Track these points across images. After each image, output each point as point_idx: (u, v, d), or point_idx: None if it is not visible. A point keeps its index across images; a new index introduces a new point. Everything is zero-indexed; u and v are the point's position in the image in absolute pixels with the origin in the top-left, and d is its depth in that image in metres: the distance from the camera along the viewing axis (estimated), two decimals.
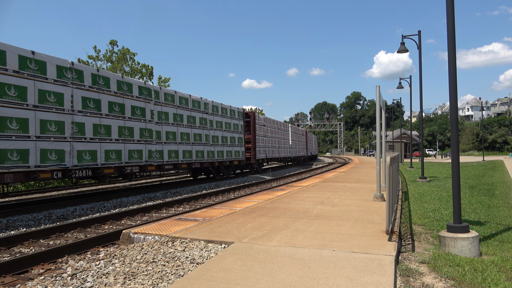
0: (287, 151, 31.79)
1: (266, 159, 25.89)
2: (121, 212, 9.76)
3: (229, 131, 20.23)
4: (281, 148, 29.82)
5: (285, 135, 31.43)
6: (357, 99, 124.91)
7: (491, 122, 79.86)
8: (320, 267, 3.96)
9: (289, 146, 32.75)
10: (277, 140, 28.78)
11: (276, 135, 28.37)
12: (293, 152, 34.29)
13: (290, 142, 33.33)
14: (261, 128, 24.75)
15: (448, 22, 5.57)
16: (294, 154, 34.96)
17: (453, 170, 5.47)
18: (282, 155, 29.95)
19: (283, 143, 30.58)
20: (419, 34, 16.44)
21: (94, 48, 28.90)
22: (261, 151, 24.50)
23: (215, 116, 18.69)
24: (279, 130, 29.64)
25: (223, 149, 19.32)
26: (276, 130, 28.53)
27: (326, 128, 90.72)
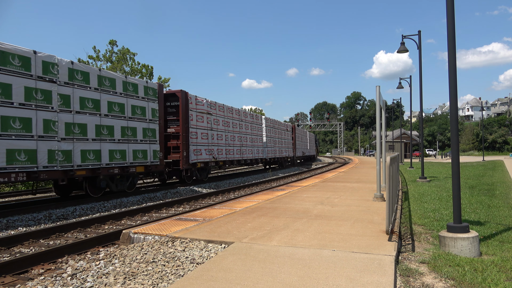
0: (257, 151, 24.57)
1: (215, 162, 18.71)
2: (121, 212, 9.76)
3: (120, 117, 12.47)
4: (246, 146, 22.72)
5: (255, 130, 24.40)
6: (357, 99, 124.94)
7: (491, 122, 79.88)
8: (320, 267, 3.96)
9: (262, 144, 25.64)
10: (239, 136, 21.73)
11: (236, 128, 21.34)
12: (270, 152, 27.28)
13: (265, 139, 26.33)
14: (200, 116, 17.27)
15: (448, 22, 5.57)
16: (273, 154, 28.00)
17: (453, 170, 5.47)
18: (247, 156, 22.77)
19: (250, 140, 23.44)
20: (419, 34, 16.44)
21: (94, 48, 28.90)
22: (200, 150, 17.08)
23: (79, 90, 11.05)
24: (242, 123, 22.34)
25: (105, 148, 11.85)
26: (236, 122, 21.46)
27: (326, 128, 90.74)
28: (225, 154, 19.74)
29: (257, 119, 25.40)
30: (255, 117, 24.96)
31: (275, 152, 28.69)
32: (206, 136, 17.86)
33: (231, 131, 20.76)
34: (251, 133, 23.79)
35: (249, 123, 23.64)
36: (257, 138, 24.98)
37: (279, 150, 29.96)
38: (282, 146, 30.86)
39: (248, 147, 23.16)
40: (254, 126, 24.59)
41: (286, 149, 32.32)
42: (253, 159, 24.02)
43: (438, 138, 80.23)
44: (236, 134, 21.36)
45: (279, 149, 30.00)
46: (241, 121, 22.31)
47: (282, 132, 31.16)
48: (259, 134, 25.40)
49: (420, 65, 16.74)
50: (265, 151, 26.29)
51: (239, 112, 22.32)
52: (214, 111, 18.74)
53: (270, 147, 27.59)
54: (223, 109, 19.89)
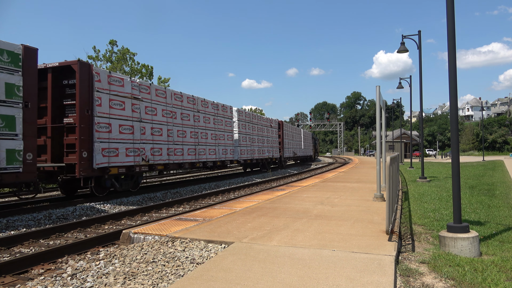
0: (224, 151, 19.46)
1: (147, 165, 13.54)
2: (121, 212, 9.76)
3: None
4: (205, 145, 17.49)
5: (220, 124, 19.23)
6: (357, 99, 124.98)
7: (491, 122, 79.89)
8: (320, 267, 3.96)
9: (231, 142, 20.46)
10: (194, 132, 16.57)
11: (188, 121, 16.13)
12: (245, 152, 22.24)
13: (236, 136, 21.18)
14: (119, 102, 12.26)
15: (448, 22, 5.57)
16: (249, 155, 22.81)
17: (453, 170, 5.47)
18: (207, 158, 17.53)
19: (213, 137, 18.34)
20: (419, 34, 16.44)
21: (94, 48, 28.92)
22: (117, 150, 12.08)
23: None
24: (199, 114, 17.07)
25: None
26: (188, 112, 16.14)
27: (326, 128, 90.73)
28: (166, 155, 14.36)
29: (225, 111, 19.87)
30: (221, 108, 19.49)
31: (252, 152, 23.28)
32: (131, 130, 12.52)
33: (179, 125, 15.47)
34: (213, 128, 18.30)
35: (211, 115, 18.18)
36: (224, 134, 19.55)
37: (260, 150, 24.70)
38: (263, 145, 25.51)
39: (210, 146, 17.82)
40: (219, 119, 19.15)
41: (270, 149, 27.15)
42: (217, 161, 18.63)
43: (438, 138, 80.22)
44: (188, 129, 16.06)
45: (260, 148, 24.73)
46: (197, 111, 16.89)
47: (263, 129, 25.80)
48: (228, 129, 20.04)
49: (420, 65, 16.74)
50: (237, 151, 21.10)
51: (194, 100, 16.74)
52: (146, 96, 13.46)
53: (245, 146, 22.24)
54: (164, 94, 14.59)
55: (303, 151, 39.51)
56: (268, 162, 27.01)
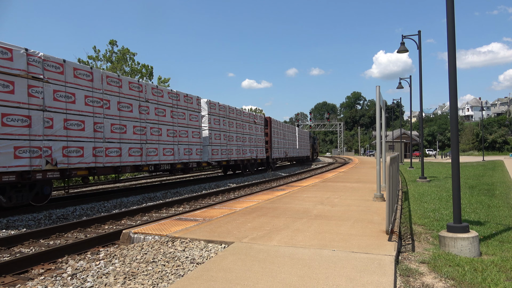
0: (188, 151, 16.15)
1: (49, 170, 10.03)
2: (121, 212, 9.76)
3: None
4: (153, 143, 13.97)
5: (181, 118, 15.87)
6: (357, 99, 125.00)
7: (491, 122, 79.90)
8: (320, 267, 3.96)
9: (199, 140, 17.09)
10: (139, 126, 13.31)
11: (128, 112, 12.79)
12: (219, 152, 18.99)
13: (206, 133, 18.05)
14: None
15: (448, 22, 5.57)
16: (224, 155, 19.50)
17: (453, 170, 5.47)
18: (158, 160, 14.24)
19: (171, 134, 15.08)
20: (419, 34, 16.45)
21: (94, 49, 28.91)
22: None
23: None
24: (147, 104, 13.73)
25: None
26: (128, 101, 12.86)
27: (326, 128, 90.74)
28: (92, 156, 11.18)
29: (189, 101, 16.32)
30: (183, 98, 15.92)
31: (229, 152, 20.08)
32: (25, 122, 9.32)
33: (115, 117, 12.14)
34: (171, 123, 15.05)
35: (167, 106, 14.83)
36: (188, 131, 16.17)
37: (239, 150, 21.39)
38: (244, 144, 22.17)
39: (165, 145, 14.58)
40: (181, 112, 15.76)
41: (254, 148, 23.74)
42: (176, 163, 15.32)
43: (438, 138, 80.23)
44: (131, 123, 12.80)
45: (240, 148, 21.42)
46: (146, 101, 13.55)
47: (244, 125, 22.39)
48: (193, 125, 16.62)
49: (420, 65, 16.75)
50: (207, 151, 17.80)
51: (141, 87, 13.33)
52: (56, 77, 10.16)
53: (218, 145, 18.99)
54: (89, 76, 11.17)
55: (298, 151, 36.51)
56: (251, 163, 23.70)
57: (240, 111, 22.33)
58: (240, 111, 22.33)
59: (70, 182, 18.89)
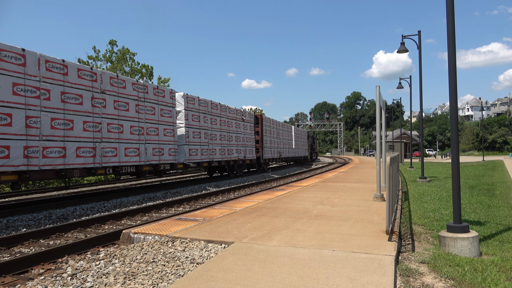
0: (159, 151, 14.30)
1: None
2: (121, 212, 9.76)
3: None
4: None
5: (150, 114, 13.94)
6: (357, 99, 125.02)
7: (491, 122, 79.91)
8: (320, 267, 3.96)
9: (172, 139, 15.13)
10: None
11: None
12: (199, 152, 17.00)
13: (183, 131, 16.01)
14: None
15: (448, 22, 5.57)
16: (205, 156, 17.49)
17: (453, 170, 5.47)
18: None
19: (135, 131, 13.12)
20: (419, 34, 16.45)
21: (94, 49, 28.92)
22: None
23: None
24: (96, 94, 11.58)
25: None
26: (74, 91, 10.86)
27: (326, 128, 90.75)
28: (23, 158, 9.36)
29: (160, 95, 14.43)
30: (152, 91, 14.07)
31: (211, 152, 18.08)
32: None
33: (58, 110, 10.28)
34: (136, 118, 13.13)
35: (131, 99, 12.94)
36: (159, 128, 14.26)
37: (224, 150, 19.41)
38: (230, 144, 20.16)
39: (128, 144, 12.69)
40: (150, 106, 13.83)
41: (242, 148, 21.63)
42: (143, 165, 13.40)
43: (438, 138, 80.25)
44: (79, 117, 10.87)
45: (224, 148, 19.39)
46: (101, 92, 11.65)
47: (230, 123, 20.40)
48: (166, 121, 14.69)
49: (420, 65, 16.74)
50: (184, 150, 15.79)
51: (95, 75, 11.53)
52: None
53: (198, 144, 16.89)
54: (19, 59, 9.33)
55: (294, 151, 34.61)
56: (239, 165, 21.75)
57: (225, 107, 20.06)
58: (225, 107, 20.06)
59: (71, 182, 18.94)
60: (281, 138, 30.05)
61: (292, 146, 33.97)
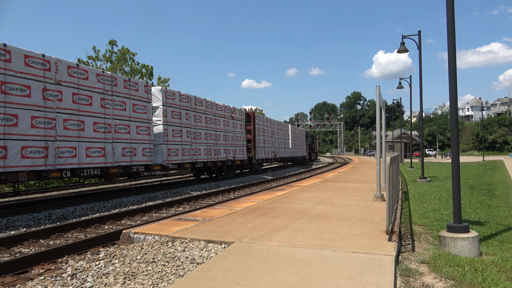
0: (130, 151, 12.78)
1: None
2: (121, 212, 9.76)
3: None
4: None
5: (118, 108, 12.37)
6: (357, 99, 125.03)
7: (491, 122, 79.92)
8: (320, 267, 3.96)
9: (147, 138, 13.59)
10: None
11: None
12: (180, 151, 15.45)
13: (160, 129, 14.57)
14: None
15: (448, 22, 5.57)
16: (186, 156, 15.82)
17: (453, 170, 5.47)
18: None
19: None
20: (419, 34, 16.44)
21: (94, 49, 28.92)
22: None
23: None
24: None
25: None
26: None
27: (326, 128, 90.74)
28: None
29: (133, 88, 12.91)
30: (123, 83, 12.53)
31: (195, 152, 16.48)
32: None
33: None
34: (102, 114, 11.59)
35: (96, 92, 11.42)
36: (130, 125, 12.77)
37: (209, 150, 17.74)
38: (218, 143, 18.57)
39: (90, 143, 11.18)
40: (119, 101, 12.33)
41: (231, 148, 19.98)
42: (110, 166, 11.83)
43: (438, 138, 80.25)
44: (26, 112, 9.47)
45: (210, 147, 17.76)
46: (56, 83, 10.28)
47: (218, 120, 18.79)
48: (140, 118, 13.18)
49: (420, 65, 16.74)
50: (162, 150, 14.28)
51: (48, 64, 10.08)
52: None
53: (179, 143, 15.34)
54: None
55: (291, 151, 33.26)
56: (228, 166, 20.36)
57: (212, 104, 18.28)
58: (212, 104, 18.28)
59: (70, 183, 18.93)
60: (276, 138, 28.71)
61: (288, 146, 32.72)
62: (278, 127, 29.67)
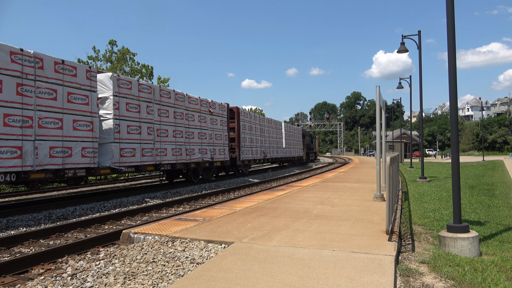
0: (75, 152, 10.65)
1: None
2: (121, 212, 9.76)
3: None
4: None
5: (43, 95, 9.77)
6: (357, 99, 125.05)
7: (491, 122, 79.92)
8: (320, 267, 3.96)
9: (90, 136, 11.18)
10: None
11: None
12: (140, 151, 13.18)
13: (110, 124, 12.17)
14: None
15: (448, 22, 5.57)
16: (146, 157, 13.44)
17: (453, 170, 5.47)
18: None
19: None
20: (419, 34, 16.45)
21: (94, 49, 28.92)
22: None
23: None
24: None
25: None
26: None
27: (326, 128, 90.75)
28: None
29: (68, 73, 10.56)
30: (52, 66, 10.08)
31: (161, 152, 14.08)
32: None
33: None
34: (17, 104, 9.20)
35: (8, 75, 9.00)
36: (64, 119, 10.38)
37: (180, 150, 15.19)
38: (191, 142, 16.03)
39: None
40: (45, 88, 9.90)
41: (207, 147, 17.21)
42: (28, 171, 9.35)
43: (438, 138, 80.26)
44: None
45: (180, 147, 15.22)
46: None
47: (191, 116, 16.21)
48: (78, 110, 10.82)
49: (420, 65, 16.74)
50: (112, 150, 11.90)
51: None
52: None
53: (136, 141, 12.93)
54: None
55: (284, 151, 30.65)
56: (205, 168, 17.76)
57: (183, 96, 15.68)
58: (183, 96, 15.68)
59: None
60: (266, 136, 26.16)
61: (282, 145, 30.34)
62: (269, 124, 27.29)
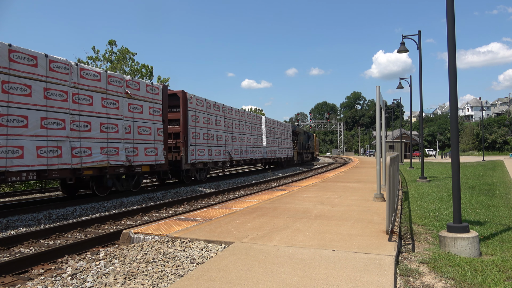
0: None
1: None
2: (121, 212, 9.76)
3: None
4: None
5: None
6: (357, 99, 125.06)
7: (491, 122, 79.94)
8: (320, 267, 3.96)
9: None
10: None
11: None
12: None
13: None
14: None
15: (448, 22, 5.57)
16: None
17: (453, 170, 5.47)
18: None
19: None
20: (419, 34, 16.44)
21: (93, 49, 28.89)
22: None
23: None
24: None
25: None
26: None
27: (326, 128, 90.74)
28: None
29: None
30: None
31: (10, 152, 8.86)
32: None
33: None
34: None
35: None
36: None
37: (59, 149, 10.02)
38: (84, 137, 10.76)
39: None
40: None
41: (120, 145, 12.11)
42: None
43: (438, 138, 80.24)
44: None
45: (58, 144, 10.02)
46: None
47: (88, 98, 10.98)
48: None
49: (420, 65, 16.74)
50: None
51: None
52: None
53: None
54: None
55: (265, 150, 25.02)
56: (117, 174, 12.39)
57: (69, 67, 10.36)
58: (69, 67, 10.36)
59: None
60: (236, 132, 20.68)
61: (261, 144, 24.48)
62: (240, 117, 21.42)
